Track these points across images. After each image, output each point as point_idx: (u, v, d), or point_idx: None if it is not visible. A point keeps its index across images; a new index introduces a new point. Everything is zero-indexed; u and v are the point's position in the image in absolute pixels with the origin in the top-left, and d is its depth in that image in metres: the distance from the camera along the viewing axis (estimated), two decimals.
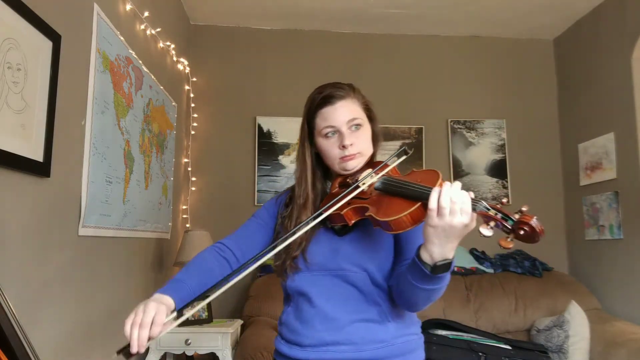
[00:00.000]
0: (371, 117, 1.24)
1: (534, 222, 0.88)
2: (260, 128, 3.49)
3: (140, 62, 2.40)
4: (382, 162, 1.18)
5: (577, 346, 2.70)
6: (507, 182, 3.60)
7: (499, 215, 0.92)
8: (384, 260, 1.17)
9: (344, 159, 1.18)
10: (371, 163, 1.24)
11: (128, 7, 2.29)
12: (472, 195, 0.96)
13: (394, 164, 1.16)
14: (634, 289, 2.91)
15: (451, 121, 3.64)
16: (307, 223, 1.12)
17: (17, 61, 1.39)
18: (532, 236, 0.89)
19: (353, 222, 1.13)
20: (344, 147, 1.17)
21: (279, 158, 3.47)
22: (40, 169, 1.51)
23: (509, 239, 0.90)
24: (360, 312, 1.15)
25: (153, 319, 0.95)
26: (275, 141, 3.48)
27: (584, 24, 3.44)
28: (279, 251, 1.14)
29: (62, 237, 1.69)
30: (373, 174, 1.15)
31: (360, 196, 1.13)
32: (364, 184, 1.13)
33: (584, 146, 3.37)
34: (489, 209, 0.94)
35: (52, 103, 1.56)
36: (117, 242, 2.19)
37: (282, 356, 1.23)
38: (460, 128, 3.64)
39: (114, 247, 2.16)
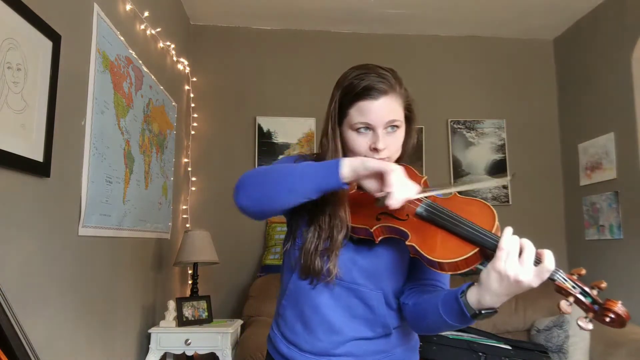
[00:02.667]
0: (409, 118, 1.10)
1: (619, 308, 0.82)
2: (260, 128, 3.49)
3: (140, 62, 2.40)
4: (423, 177, 1.08)
5: (577, 346, 2.69)
6: (507, 182, 3.60)
7: (577, 290, 0.85)
8: (399, 280, 1.10)
9: None
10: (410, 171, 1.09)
11: (128, 7, 2.29)
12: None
13: (443, 191, 1.02)
14: (634, 289, 2.90)
15: (451, 121, 3.64)
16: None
17: (17, 61, 1.39)
18: (617, 324, 0.82)
19: (380, 239, 1.02)
20: (375, 149, 1.03)
21: (279, 158, 3.46)
22: (40, 169, 1.51)
23: (587, 319, 0.83)
24: (366, 332, 1.08)
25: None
26: (275, 141, 3.48)
27: (584, 24, 3.43)
28: (314, 250, 1.06)
29: (62, 237, 1.69)
30: (422, 193, 0.99)
31: (393, 214, 1.01)
32: (429, 199, 1.00)
33: (584, 146, 3.37)
34: (566, 281, 0.86)
35: (52, 103, 1.56)
36: (117, 242, 2.19)
37: (280, 355, 1.16)
38: (460, 128, 3.64)
39: (114, 247, 2.16)
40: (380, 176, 0.93)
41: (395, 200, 0.90)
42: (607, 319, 0.82)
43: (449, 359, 2.49)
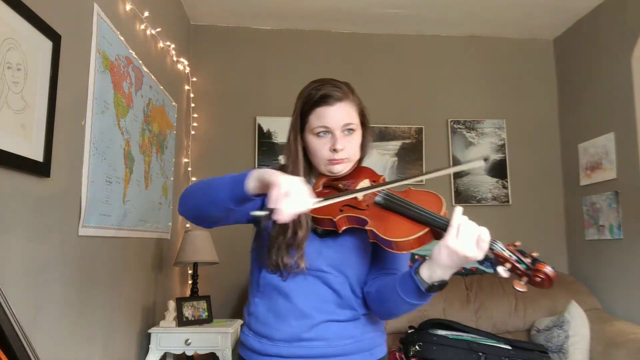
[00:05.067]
0: (364, 123, 1.24)
1: (548, 270, 0.90)
2: (260, 128, 3.49)
3: (140, 62, 2.40)
4: (375, 173, 1.21)
5: (577, 346, 2.70)
6: (507, 182, 3.60)
7: (514, 258, 0.94)
8: (362, 268, 1.19)
9: (332, 161, 1.18)
10: (361, 169, 1.25)
11: (128, 7, 2.29)
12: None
13: (393, 185, 1.11)
14: (634, 289, 2.90)
15: (451, 121, 3.64)
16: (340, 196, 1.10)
17: (17, 61, 1.39)
18: (546, 283, 0.91)
19: (343, 229, 1.12)
20: (334, 150, 1.16)
21: (279, 158, 3.47)
22: (40, 169, 1.51)
23: (522, 282, 0.92)
24: (335, 314, 1.16)
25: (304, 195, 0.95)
26: (275, 141, 3.48)
27: (584, 24, 3.43)
28: (281, 245, 1.14)
29: (62, 237, 1.69)
30: (370, 185, 1.15)
31: (355, 205, 1.12)
32: (358, 197, 1.12)
33: (584, 146, 3.37)
34: (504, 250, 0.95)
35: (52, 103, 1.56)
36: (117, 242, 2.19)
37: (251, 351, 1.21)
38: (460, 128, 3.64)
39: (114, 247, 2.16)
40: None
41: (280, 215, 0.93)
42: (538, 279, 0.91)
43: (449, 359, 2.49)
